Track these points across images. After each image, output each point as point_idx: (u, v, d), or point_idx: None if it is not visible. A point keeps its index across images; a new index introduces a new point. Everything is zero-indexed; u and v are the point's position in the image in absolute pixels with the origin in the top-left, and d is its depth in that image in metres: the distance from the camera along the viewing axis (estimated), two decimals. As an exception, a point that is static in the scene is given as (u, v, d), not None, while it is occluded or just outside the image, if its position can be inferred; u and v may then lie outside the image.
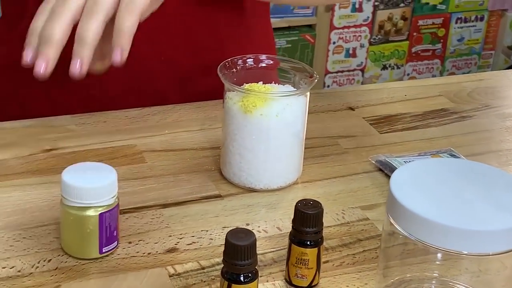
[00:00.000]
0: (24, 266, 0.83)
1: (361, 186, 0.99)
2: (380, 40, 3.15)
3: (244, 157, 0.95)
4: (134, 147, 1.04)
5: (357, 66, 3.15)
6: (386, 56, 3.18)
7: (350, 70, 3.14)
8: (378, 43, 3.16)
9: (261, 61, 0.99)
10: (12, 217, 0.90)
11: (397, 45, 3.19)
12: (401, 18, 3.14)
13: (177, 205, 0.93)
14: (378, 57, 3.16)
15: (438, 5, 3.18)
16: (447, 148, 1.06)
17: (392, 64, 3.22)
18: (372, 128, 1.12)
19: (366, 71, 3.16)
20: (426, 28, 3.20)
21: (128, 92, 1.15)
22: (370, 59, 3.17)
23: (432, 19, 3.20)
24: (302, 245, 0.81)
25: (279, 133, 0.94)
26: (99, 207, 0.82)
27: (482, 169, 0.78)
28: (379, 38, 3.14)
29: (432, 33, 3.22)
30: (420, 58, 3.26)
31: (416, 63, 3.26)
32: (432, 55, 3.26)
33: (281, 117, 0.93)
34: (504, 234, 0.71)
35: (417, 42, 3.22)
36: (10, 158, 1.00)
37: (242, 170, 0.96)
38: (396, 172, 0.77)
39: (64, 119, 1.10)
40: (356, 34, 3.08)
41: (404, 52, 3.21)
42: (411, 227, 0.72)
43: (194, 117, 1.12)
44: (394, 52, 3.19)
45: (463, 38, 3.28)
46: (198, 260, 0.85)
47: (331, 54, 3.07)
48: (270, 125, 0.93)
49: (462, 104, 1.20)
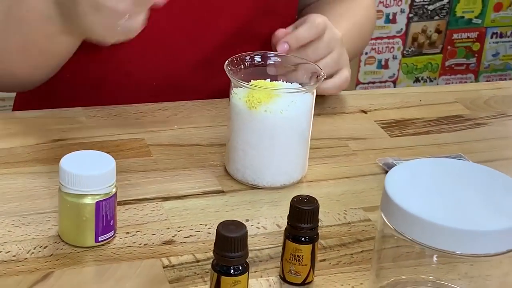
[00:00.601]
0: (20, 251, 0.83)
1: (366, 188, 0.98)
2: (413, 52, 3.13)
3: (248, 154, 0.95)
4: (141, 140, 1.04)
5: (389, 78, 3.13)
6: (419, 68, 3.16)
7: (382, 82, 3.12)
8: (411, 55, 3.14)
9: (268, 58, 0.98)
10: (13, 203, 0.90)
11: (430, 58, 3.17)
12: (435, 31, 3.12)
13: (178, 199, 0.93)
14: (410, 70, 3.14)
15: (474, 19, 3.15)
16: (457, 154, 1.05)
17: (425, 77, 3.19)
18: (383, 131, 1.11)
19: (398, 83, 3.14)
20: (460, 42, 3.17)
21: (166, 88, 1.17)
22: (403, 71, 3.14)
23: (467, 33, 3.17)
24: (296, 241, 0.80)
25: (284, 130, 0.93)
26: (96, 195, 0.82)
27: (480, 170, 0.77)
28: (412, 50, 3.12)
29: (466, 47, 3.18)
30: (453, 72, 3.23)
31: (450, 77, 3.23)
32: (466, 69, 3.23)
33: (286, 114, 0.92)
34: (499, 235, 0.69)
35: (451, 56, 3.19)
36: (18, 147, 1.01)
37: (246, 166, 0.95)
38: (392, 171, 0.76)
39: (75, 111, 1.10)
40: (389, 46, 3.06)
41: (437, 66, 3.19)
42: (403, 225, 0.71)
43: (205, 113, 1.12)
44: (427, 65, 3.17)
45: (498, 53, 3.25)
46: (193, 253, 0.85)
47: (363, 65, 3.06)
48: (274, 122, 0.93)
49: (478, 111, 1.19)
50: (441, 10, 3.13)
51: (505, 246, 0.70)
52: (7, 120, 1.06)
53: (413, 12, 3.10)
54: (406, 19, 3.09)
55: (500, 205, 0.71)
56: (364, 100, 1.18)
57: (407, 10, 3.07)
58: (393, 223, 0.72)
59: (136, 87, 1.16)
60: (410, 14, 3.10)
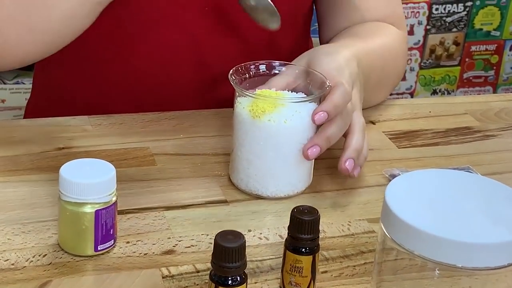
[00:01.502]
0: (19, 259, 0.82)
1: (372, 199, 0.97)
2: (431, 64, 3.12)
3: (251, 163, 0.94)
4: (146, 149, 1.03)
5: (406, 90, 3.11)
6: (437, 81, 3.14)
7: (399, 93, 3.11)
8: (429, 67, 3.12)
9: (273, 68, 0.98)
10: (14, 211, 0.90)
11: (448, 70, 3.15)
12: (453, 43, 3.10)
13: (181, 208, 0.92)
14: (428, 82, 3.12)
15: (492, 32, 3.13)
16: (465, 165, 1.04)
17: (443, 89, 3.17)
18: (391, 142, 1.10)
19: (416, 95, 3.12)
20: (479, 54, 3.16)
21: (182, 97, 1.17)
22: (420, 83, 3.13)
23: (485, 45, 3.15)
24: (296, 252, 0.79)
25: (287, 140, 0.92)
26: (96, 203, 0.81)
27: (483, 182, 0.75)
28: (430, 62, 3.10)
29: (485, 60, 3.16)
30: (471, 85, 3.21)
31: (468, 89, 3.21)
32: (484, 81, 3.21)
33: (290, 123, 0.91)
34: (500, 248, 0.68)
35: (469, 68, 3.17)
36: (22, 154, 1.01)
37: (249, 176, 0.94)
38: (393, 182, 0.75)
39: (81, 119, 1.10)
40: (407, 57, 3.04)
41: (455, 78, 3.17)
42: (403, 237, 0.70)
43: (212, 123, 1.11)
44: (444, 77, 3.15)
45: (517, 66, 3.22)
46: (194, 263, 0.84)
47: (380, 76, 3.04)
48: (278, 131, 0.92)
49: (488, 123, 1.17)
50: (459, 22, 3.11)
51: (507, 259, 0.68)
52: (12, 128, 1.06)
53: (430, 24, 3.09)
54: (424, 31, 3.07)
55: (502, 217, 0.70)
56: (373, 111, 1.17)
57: (424, 22, 3.05)
58: (393, 235, 0.71)
59: (144, 96, 1.16)
60: (427, 26, 3.08)
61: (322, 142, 0.93)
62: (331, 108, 0.92)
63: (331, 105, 0.92)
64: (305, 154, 0.93)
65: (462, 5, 3.10)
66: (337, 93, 0.93)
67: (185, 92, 1.16)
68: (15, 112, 2.28)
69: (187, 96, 1.16)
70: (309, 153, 0.93)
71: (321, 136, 0.93)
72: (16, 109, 2.28)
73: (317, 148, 0.93)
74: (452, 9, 3.11)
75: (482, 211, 0.71)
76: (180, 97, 1.16)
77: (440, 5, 3.09)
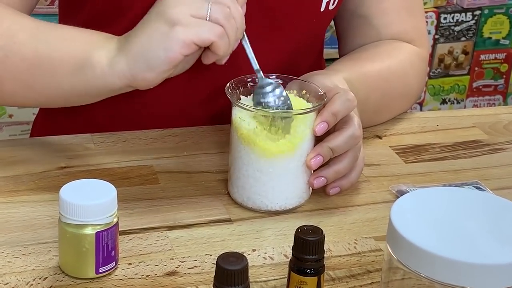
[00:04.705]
0: (19, 283, 0.81)
1: (378, 216, 0.95)
2: (440, 73, 3.10)
3: (258, 180, 0.93)
4: (149, 167, 1.02)
5: (415, 100, 3.09)
6: (446, 90, 3.12)
7: (408, 103, 3.08)
8: (438, 77, 3.10)
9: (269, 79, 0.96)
10: (14, 233, 0.88)
11: (457, 80, 3.13)
12: (462, 52, 3.08)
13: (184, 228, 0.91)
14: (437, 91, 3.10)
15: (501, 40, 3.11)
16: (473, 180, 1.02)
17: (452, 99, 3.15)
18: (398, 157, 1.08)
19: (425, 104, 3.11)
20: (488, 63, 3.13)
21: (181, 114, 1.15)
22: (429, 92, 3.11)
23: (494, 54, 3.13)
24: (301, 273, 0.77)
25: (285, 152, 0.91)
26: (96, 225, 0.80)
27: (491, 200, 0.74)
28: (439, 71, 3.08)
29: (494, 68, 3.14)
30: (481, 94, 3.19)
31: (477, 98, 3.19)
32: (494, 90, 3.19)
33: (288, 136, 0.91)
34: (509, 269, 0.66)
35: (478, 77, 3.15)
36: (23, 174, 0.99)
37: (257, 192, 0.93)
38: (399, 201, 0.73)
39: (83, 137, 1.08)
40: (415, 67, 3.02)
41: (464, 87, 3.15)
42: (409, 258, 0.69)
43: (215, 140, 1.10)
44: (454, 87, 3.13)
45: (526, 74, 3.20)
46: (197, 285, 0.82)
47: (389, 87, 3.02)
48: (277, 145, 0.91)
49: (497, 136, 1.15)
50: (468, 31, 3.10)
51: (516, 280, 0.66)
52: (14, 148, 1.05)
53: (439, 33, 3.07)
54: (432, 40, 3.06)
55: (511, 237, 0.68)
56: (379, 125, 1.16)
57: (433, 31, 3.03)
58: (399, 256, 0.70)
59: (150, 115, 1.14)
60: (436, 35, 3.06)
61: (324, 153, 0.94)
62: (330, 117, 0.93)
63: (330, 114, 0.93)
64: (308, 164, 0.93)
65: (470, 14, 3.08)
66: (336, 101, 0.93)
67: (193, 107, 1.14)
68: (23, 127, 2.28)
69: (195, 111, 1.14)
70: (312, 162, 0.93)
71: (324, 146, 0.94)
72: (24, 123, 2.27)
73: (320, 158, 0.94)
74: (460, 18, 3.09)
75: (490, 231, 0.69)
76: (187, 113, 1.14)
77: (449, 14, 3.07)
